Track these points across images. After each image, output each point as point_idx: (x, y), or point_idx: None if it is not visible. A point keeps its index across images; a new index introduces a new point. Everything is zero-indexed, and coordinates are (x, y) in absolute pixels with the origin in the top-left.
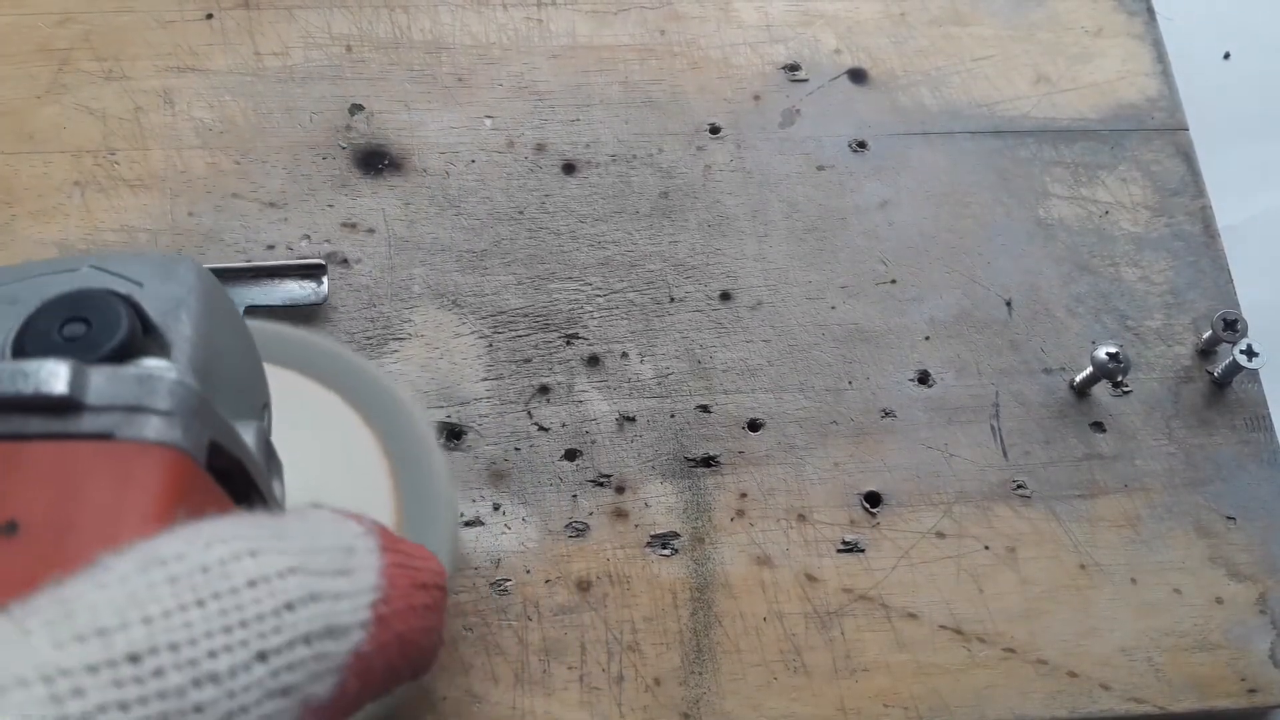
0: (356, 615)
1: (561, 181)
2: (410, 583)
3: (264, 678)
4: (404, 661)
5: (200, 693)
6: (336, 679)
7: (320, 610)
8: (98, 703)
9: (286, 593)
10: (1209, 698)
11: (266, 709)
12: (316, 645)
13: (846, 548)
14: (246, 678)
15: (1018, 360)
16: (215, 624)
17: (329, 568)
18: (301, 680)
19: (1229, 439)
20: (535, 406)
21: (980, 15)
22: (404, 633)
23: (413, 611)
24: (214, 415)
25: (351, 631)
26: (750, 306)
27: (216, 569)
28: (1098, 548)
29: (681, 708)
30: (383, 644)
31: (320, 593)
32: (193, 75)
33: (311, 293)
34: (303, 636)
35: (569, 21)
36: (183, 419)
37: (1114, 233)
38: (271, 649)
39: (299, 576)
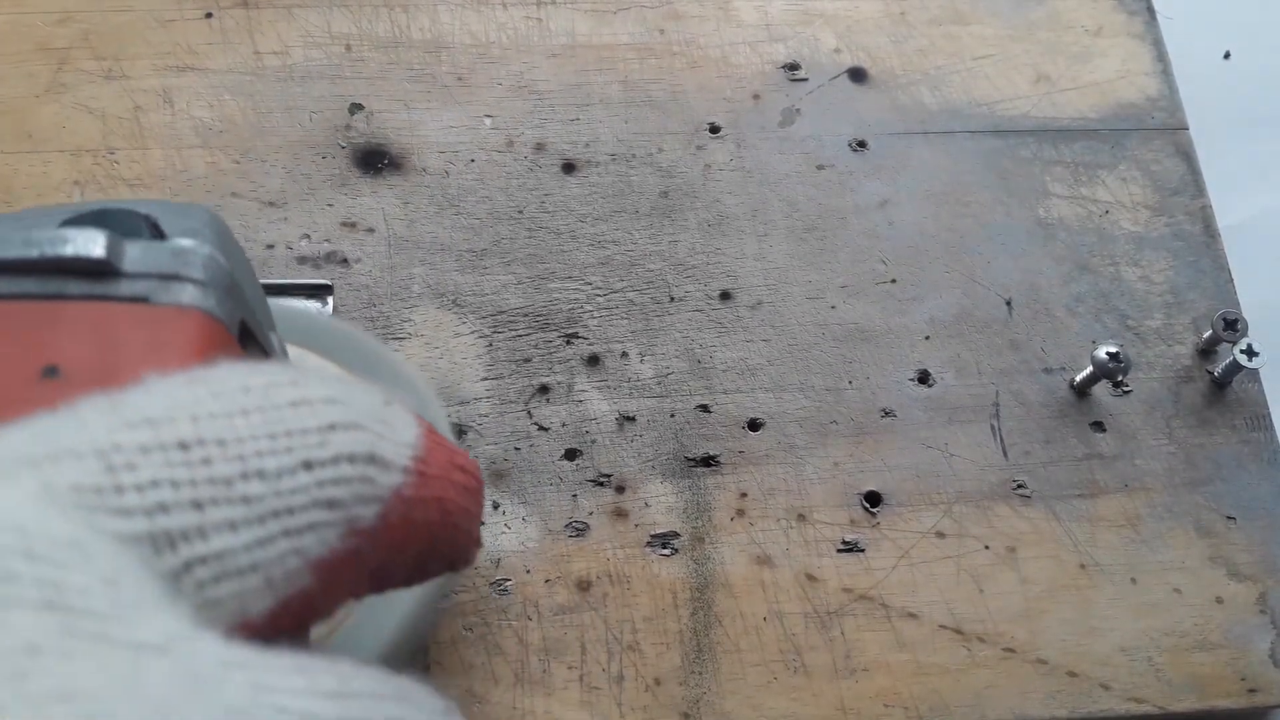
0: (399, 457)
1: (561, 181)
2: (448, 459)
3: (309, 485)
4: (444, 532)
5: (248, 485)
6: (380, 508)
7: (363, 438)
8: (150, 478)
9: (330, 415)
10: (1209, 698)
11: (313, 516)
12: (360, 467)
13: (846, 548)
14: (293, 481)
15: (1018, 360)
16: (260, 430)
17: (367, 410)
18: (346, 497)
19: (1229, 439)
20: (535, 406)
21: (980, 14)
22: (444, 499)
23: (451, 485)
24: (244, 298)
25: (394, 469)
26: (750, 306)
27: (259, 389)
28: (1098, 547)
29: (681, 708)
30: (424, 499)
31: (361, 425)
32: (192, 74)
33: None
34: (347, 455)
35: (569, 20)
36: (216, 291)
37: (1114, 232)
38: (316, 460)
39: (340, 407)
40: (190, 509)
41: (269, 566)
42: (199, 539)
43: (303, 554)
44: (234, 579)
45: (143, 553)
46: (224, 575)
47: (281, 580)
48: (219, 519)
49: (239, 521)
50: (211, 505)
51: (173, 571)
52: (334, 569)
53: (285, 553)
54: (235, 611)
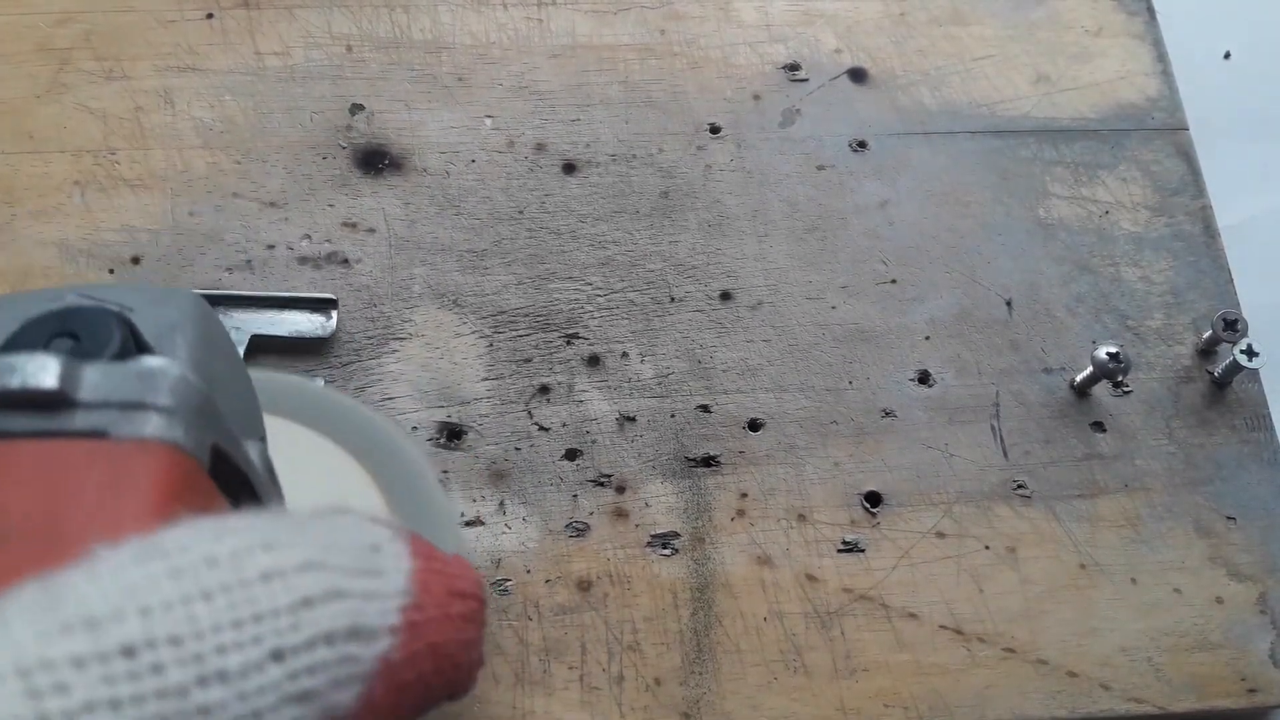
0: (385, 618)
1: (561, 181)
2: (445, 590)
3: (280, 680)
4: (439, 677)
5: (206, 693)
6: (362, 688)
7: (344, 609)
8: (84, 700)
9: (305, 588)
10: (1209, 698)
11: (283, 716)
12: (340, 647)
13: (846, 548)
14: (260, 679)
15: (1018, 360)
16: (224, 618)
17: (353, 566)
18: (322, 686)
19: (1229, 439)
20: (535, 406)
21: (980, 15)
22: (439, 643)
23: (448, 621)
24: (218, 418)
25: (379, 636)
26: (750, 306)
27: (226, 562)
28: (1098, 548)
29: (681, 708)
30: (414, 653)
31: (344, 590)
32: (193, 75)
33: (319, 327)
34: (324, 635)
35: (569, 21)
36: (184, 417)
37: (1114, 233)
38: (289, 647)
39: (319, 572)
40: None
41: None
42: None
43: None
44: None
45: None
46: None
47: None
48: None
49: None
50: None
51: None
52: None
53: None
54: None
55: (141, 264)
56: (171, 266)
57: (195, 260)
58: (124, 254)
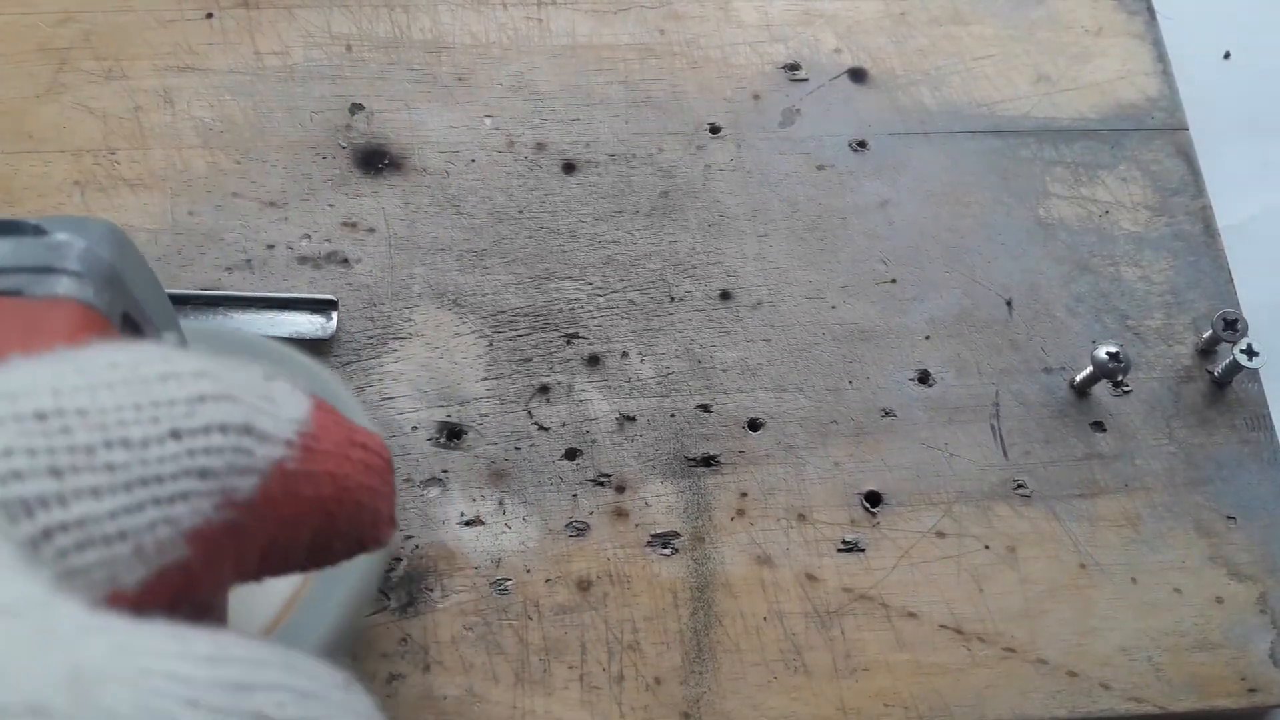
0: (279, 429)
1: (561, 181)
2: (345, 436)
3: (179, 454)
4: (342, 510)
5: (111, 453)
6: (258, 481)
7: (238, 409)
8: (3, 446)
9: (200, 387)
10: (1209, 697)
11: (184, 485)
12: (234, 437)
13: (846, 547)
14: (160, 450)
15: (1018, 360)
16: (125, 401)
17: (242, 384)
18: (219, 467)
19: (1229, 439)
20: (535, 406)
21: (980, 15)
22: (339, 476)
23: (349, 461)
24: (127, 292)
25: (273, 441)
26: (750, 306)
27: (126, 364)
28: (1098, 547)
29: (681, 707)
30: (313, 473)
31: (235, 397)
32: (193, 75)
33: (319, 328)
34: (219, 425)
35: (569, 21)
36: (93, 281)
37: (1114, 232)
38: (185, 429)
39: (212, 380)
40: (47, 476)
41: (138, 535)
42: (58, 506)
43: (175, 523)
44: (99, 546)
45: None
46: (87, 543)
47: (153, 550)
48: (80, 486)
49: (102, 489)
50: (71, 472)
51: (30, 539)
52: (213, 541)
53: (155, 521)
54: (104, 581)
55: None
56: (171, 266)
57: (195, 260)
58: None
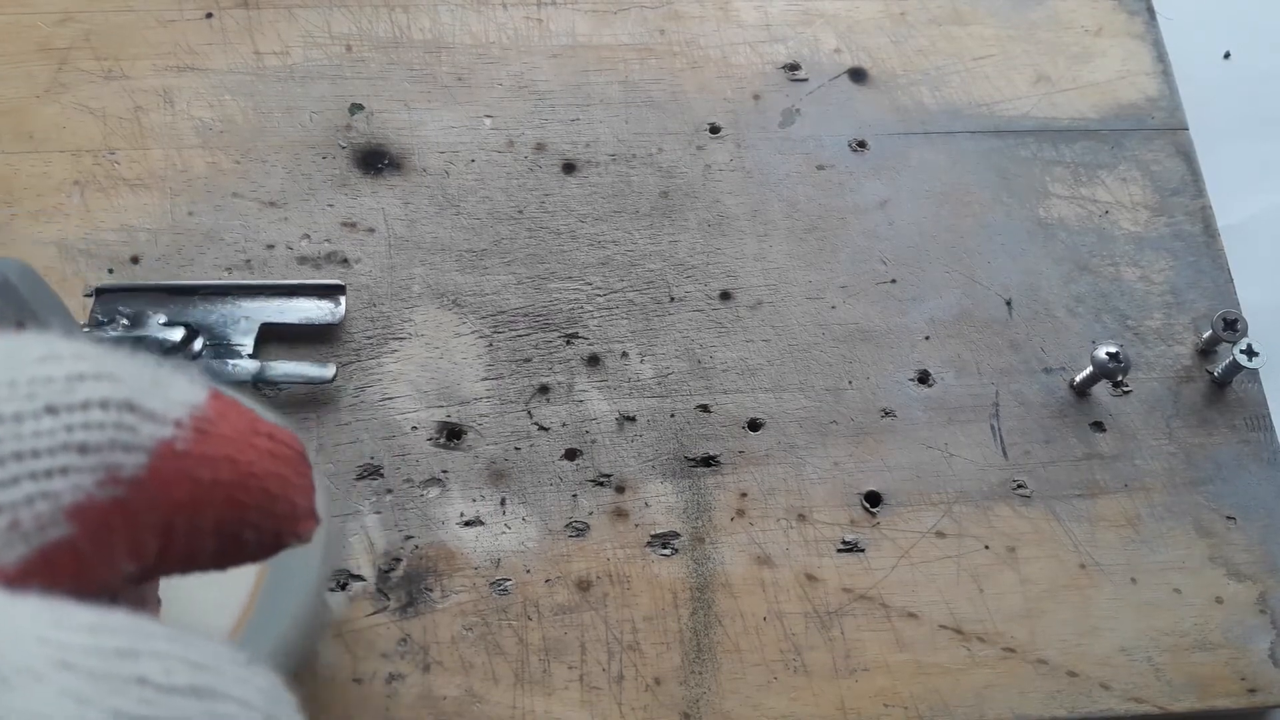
0: (166, 409)
1: (561, 181)
2: (248, 424)
3: (55, 428)
4: (248, 497)
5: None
6: (146, 459)
7: (118, 387)
8: None
9: (78, 367)
10: (1209, 697)
11: (63, 460)
12: (115, 413)
13: (846, 547)
14: (35, 424)
15: (1018, 360)
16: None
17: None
18: (101, 442)
19: (1229, 439)
20: (535, 406)
21: (980, 15)
22: (240, 461)
23: (251, 447)
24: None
25: (159, 420)
26: (750, 306)
27: (3, 348)
28: (1098, 547)
29: (681, 707)
30: (208, 457)
31: (117, 377)
32: (193, 75)
33: (328, 313)
34: (99, 401)
35: (569, 21)
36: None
37: (1114, 232)
38: (62, 404)
39: (93, 362)
40: None
41: (14, 510)
42: None
43: (54, 498)
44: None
45: None
46: None
47: (32, 525)
48: None
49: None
50: None
51: None
52: (99, 519)
53: (32, 495)
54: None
55: (140, 263)
56: (171, 266)
57: (195, 260)
58: (123, 254)
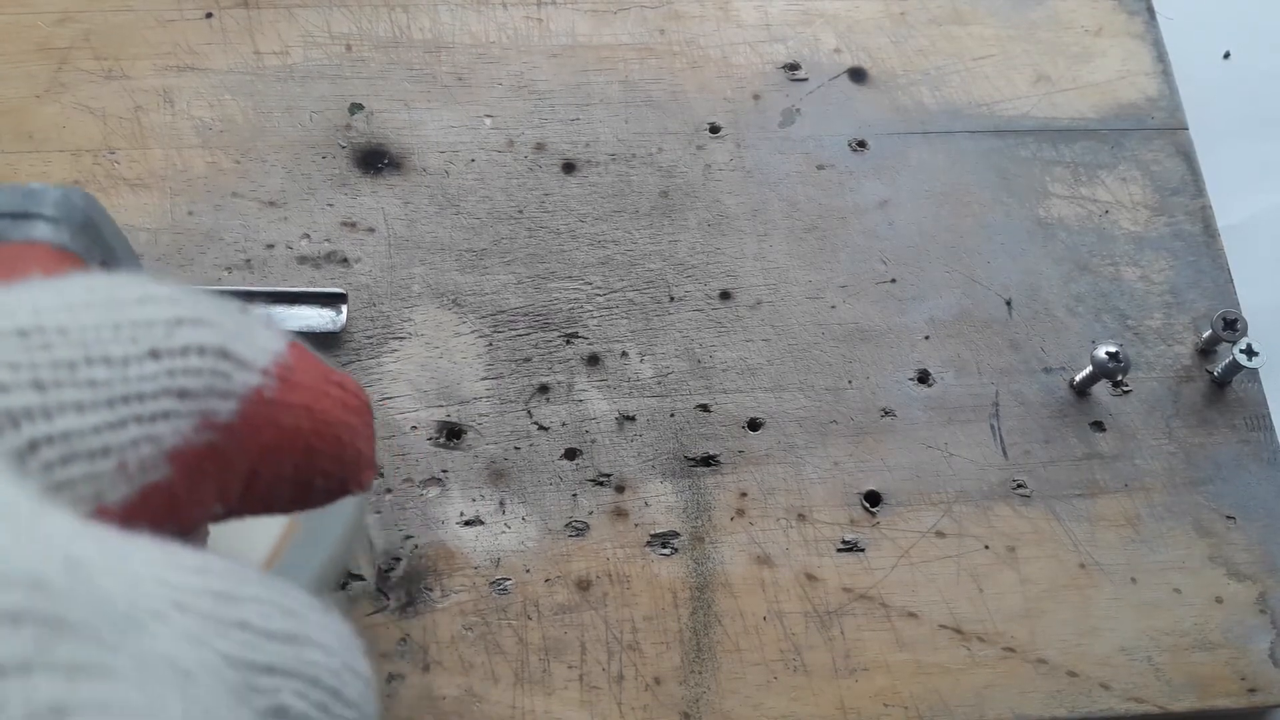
0: (256, 357)
1: (561, 181)
2: (322, 374)
3: (158, 373)
4: (321, 444)
5: (92, 370)
6: (237, 405)
7: (213, 333)
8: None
9: (176, 310)
10: (1209, 697)
11: (165, 404)
12: (211, 359)
13: (846, 547)
14: (140, 369)
15: (1018, 360)
16: (104, 321)
17: (219, 311)
18: (198, 387)
19: (1229, 438)
20: (535, 406)
21: (980, 15)
22: (317, 410)
23: (326, 396)
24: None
25: (250, 368)
26: (750, 306)
27: (103, 288)
28: (1098, 547)
29: (681, 707)
30: (291, 405)
31: (212, 322)
32: (192, 74)
33: (330, 321)
34: (196, 347)
35: (569, 21)
36: (69, 227)
37: (1114, 232)
38: (164, 349)
39: (189, 305)
40: (31, 389)
41: (121, 451)
42: (43, 418)
43: (156, 441)
44: (84, 461)
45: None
46: (73, 457)
47: (136, 467)
48: (63, 400)
49: (85, 404)
50: (54, 387)
51: (17, 451)
52: (194, 463)
53: (138, 438)
54: (90, 497)
55: (141, 263)
56: (171, 266)
57: (194, 259)
58: None
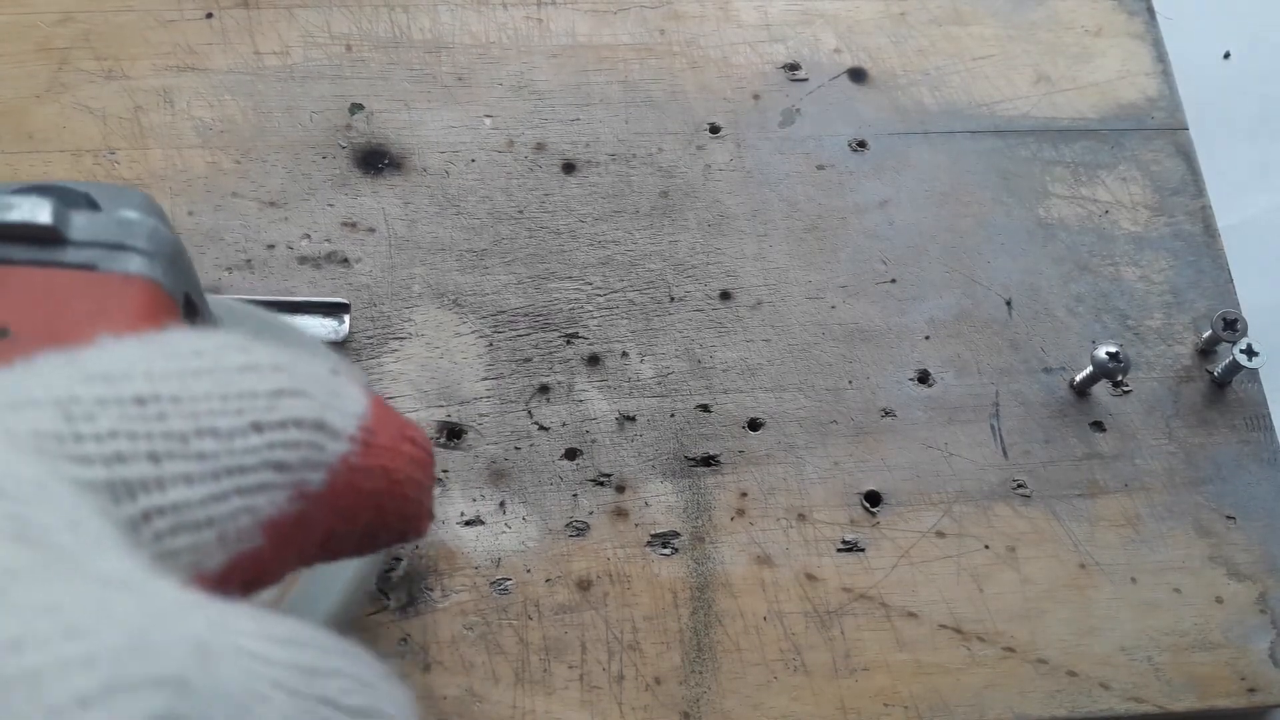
0: (345, 424)
1: (561, 181)
2: (397, 429)
3: (260, 446)
4: (392, 504)
5: (202, 442)
6: (326, 475)
7: (311, 404)
8: (108, 428)
9: (278, 381)
10: (1209, 697)
11: (264, 477)
12: (308, 432)
13: (846, 547)
14: (244, 441)
15: (1018, 360)
16: (213, 391)
17: (314, 377)
18: (295, 461)
19: (1229, 438)
20: (535, 406)
21: (980, 15)
22: (391, 470)
23: (399, 455)
24: (189, 271)
25: (340, 436)
26: (750, 306)
27: (210, 352)
28: (1098, 547)
29: (681, 707)
30: (370, 468)
31: (309, 392)
32: (193, 74)
33: (332, 330)
34: (295, 420)
35: (569, 21)
36: (161, 261)
37: (1114, 232)
38: (266, 423)
39: (289, 374)
40: (147, 461)
41: (223, 522)
42: (157, 490)
43: (254, 513)
44: (190, 532)
45: (101, 501)
46: (181, 527)
47: (234, 537)
48: (176, 472)
49: (194, 476)
50: (168, 458)
51: (131, 521)
52: (284, 531)
53: (238, 510)
54: (190, 565)
55: None
56: None
57: (195, 260)
58: None
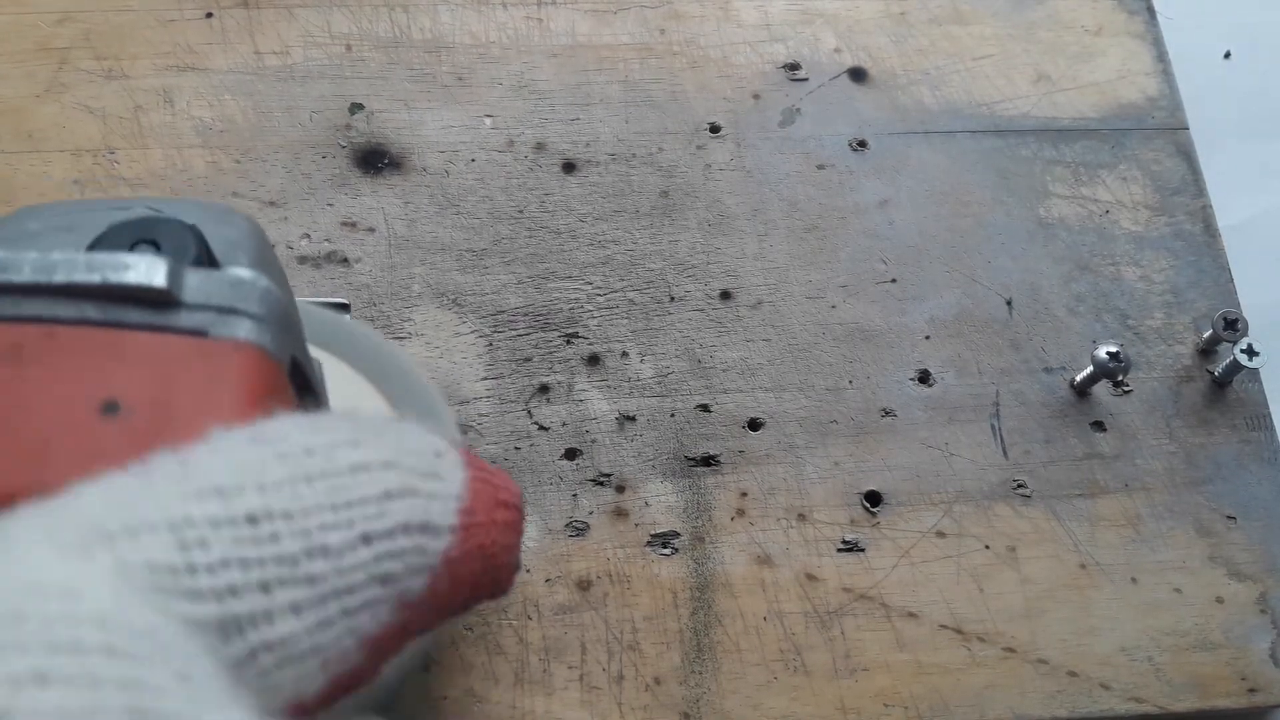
0: (447, 518)
1: (561, 180)
2: (492, 498)
3: (368, 560)
4: (485, 576)
5: (312, 564)
6: (428, 579)
7: (417, 505)
8: (221, 557)
9: (387, 483)
10: (1209, 697)
11: (369, 594)
12: (415, 538)
13: (846, 547)
14: (353, 557)
15: (1018, 359)
16: (324, 501)
17: (422, 469)
18: (399, 571)
19: (1229, 438)
20: (535, 406)
21: (980, 14)
22: (486, 545)
23: (495, 526)
24: (297, 331)
25: (443, 533)
26: (750, 306)
27: (321, 452)
28: (1098, 547)
29: (681, 707)
30: (468, 552)
31: (416, 489)
32: (193, 74)
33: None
34: (402, 526)
35: (569, 20)
36: (271, 325)
37: (1114, 232)
38: (375, 533)
39: (397, 471)
40: (259, 592)
41: (326, 649)
42: (265, 624)
43: (357, 633)
44: (295, 664)
45: (210, 640)
46: (286, 661)
47: (336, 661)
48: (285, 602)
49: (303, 604)
50: (279, 587)
51: (237, 659)
52: (383, 644)
53: (341, 634)
54: (291, 695)
55: None
56: None
57: None
58: None
